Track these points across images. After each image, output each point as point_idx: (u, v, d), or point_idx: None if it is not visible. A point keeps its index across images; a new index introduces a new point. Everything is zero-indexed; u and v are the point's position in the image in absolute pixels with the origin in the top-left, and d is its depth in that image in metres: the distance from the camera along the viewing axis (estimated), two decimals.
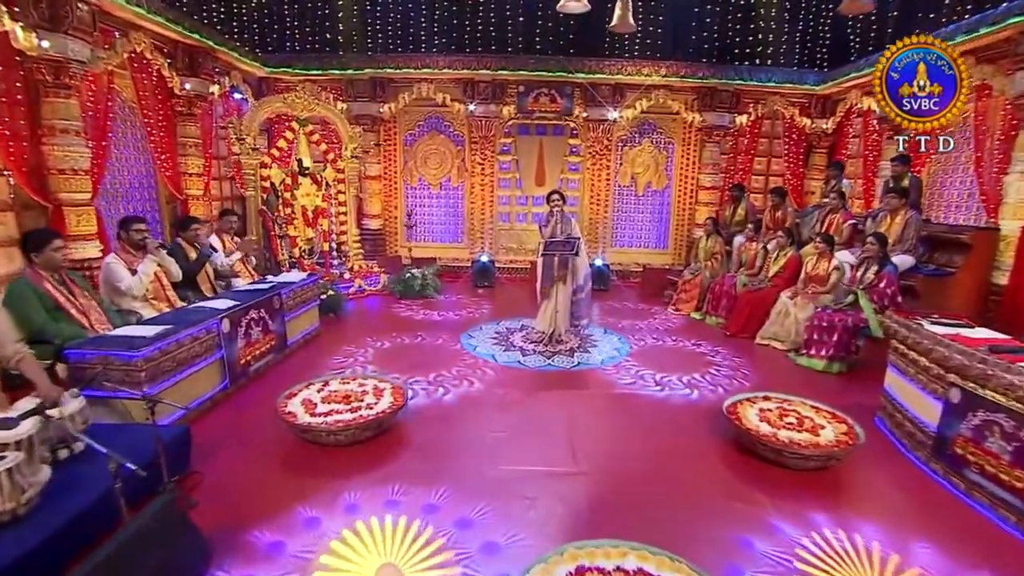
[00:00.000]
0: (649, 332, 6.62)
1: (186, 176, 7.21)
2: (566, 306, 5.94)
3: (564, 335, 5.96)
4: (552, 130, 9.53)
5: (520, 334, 6.31)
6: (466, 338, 6.14)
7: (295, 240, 7.85)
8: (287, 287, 5.42)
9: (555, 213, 5.80)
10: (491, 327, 6.62)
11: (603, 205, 9.68)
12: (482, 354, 5.59)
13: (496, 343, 5.99)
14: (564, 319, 5.98)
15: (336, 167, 8.25)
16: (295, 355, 5.43)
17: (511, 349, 5.79)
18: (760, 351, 5.97)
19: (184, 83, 6.81)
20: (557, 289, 5.86)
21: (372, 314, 7.15)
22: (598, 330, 6.63)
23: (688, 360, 5.48)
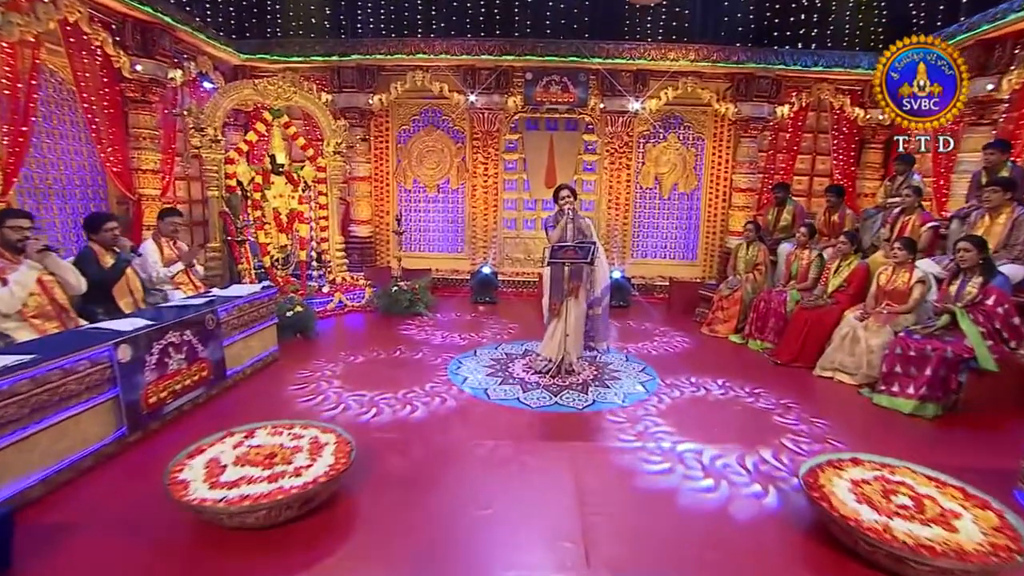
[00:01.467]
0: (680, 360, 5.51)
1: (139, 173, 6.30)
2: (579, 327, 4.87)
3: (576, 364, 4.88)
4: (564, 124, 8.52)
5: (523, 361, 5.24)
6: (455, 366, 5.08)
7: (266, 248, 6.88)
8: (229, 303, 4.42)
9: (565, 212, 4.76)
10: (488, 352, 5.56)
11: (623, 210, 8.62)
12: (472, 389, 4.53)
13: (491, 374, 4.92)
14: (576, 344, 4.90)
15: (316, 165, 7.30)
16: (237, 389, 4.42)
17: (509, 382, 4.71)
18: (822, 386, 4.82)
19: (135, 64, 5.93)
20: (568, 306, 4.78)
21: (348, 335, 6.13)
22: (618, 355, 5.52)
23: (747, 421, 3.96)
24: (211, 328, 4.11)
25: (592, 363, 5.15)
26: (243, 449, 2.97)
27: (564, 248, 4.54)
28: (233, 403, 4.17)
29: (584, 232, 4.83)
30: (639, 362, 5.35)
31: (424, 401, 4.25)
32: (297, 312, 5.82)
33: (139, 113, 6.23)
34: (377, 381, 4.61)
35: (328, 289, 7.18)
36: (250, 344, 4.72)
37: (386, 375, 4.77)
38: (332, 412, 3.98)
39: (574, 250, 4.50)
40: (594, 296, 4.88)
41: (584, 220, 4.93)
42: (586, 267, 4.73)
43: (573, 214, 4.85)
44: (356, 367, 4.99)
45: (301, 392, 4.36)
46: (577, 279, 4.80)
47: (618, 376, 4.93)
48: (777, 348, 5.51)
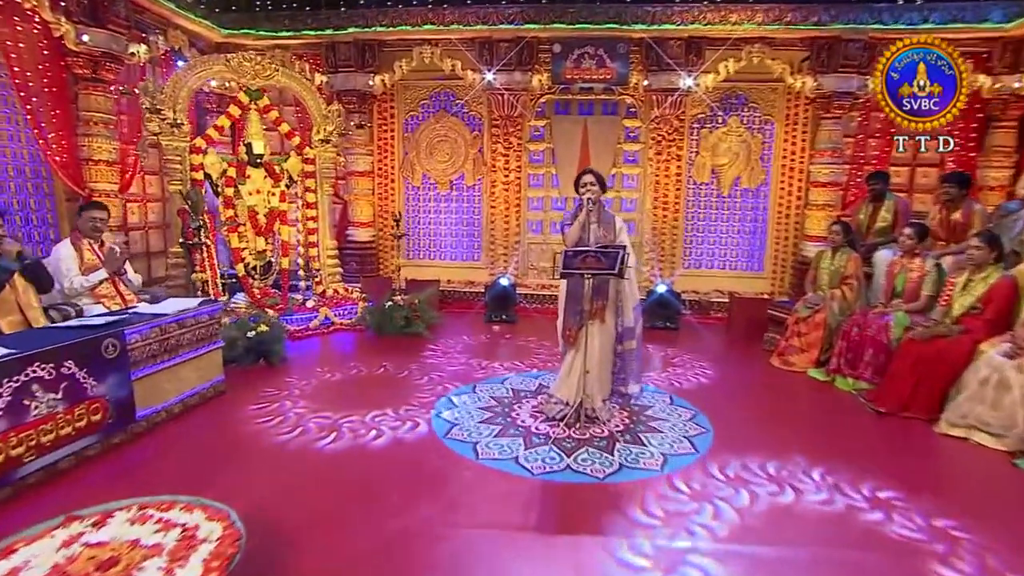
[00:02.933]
0: (744, 405, 4.42)
1: (90, 164, 5.67)
2: (605, 362, 3.89)
3: (600, 410, 3.87)
4: (601, 107, 7.55)
5: (533, 402, 4.26)
6: (444, 408, 4.15)
7: (240, 254, 6.16)
8: (147, 322, 3.63)
9: (587, 205, 3.78)
10: (489, 388, 4.61)
11: (672, 210, 7.54)
12: (456, 443, 3.57)
13: (488, 419, 3.97)
14: (601, 383, 3.90)
15: (304, 156, 6.57)
16: (155, 434, 3.63)
17: (509, 432, 3.75)
18: (949, 449, 3.64)
19: (80, 34, 5.30)
20: (589, 333, 3.78)
21: (322, 362, 5.28)
22: (658, 395, 4.46)
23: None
24: (111, 357, 3.32)
25: (623, 407, 4.11)
26: (74, 549, 2.11)
27: (581, 254, 3.55)
28: (143, 454, 3.39)
29: (611, 233, 3.83)
30: (687, 405, 4.29)
31: (387, 462, 3.34)
32: (260, 332, 5.01)
33: (90, 94, 5.61)
34: (320, 431, 3.72)
35: (313, 303, 6.39)
36: (180, 375, 3.94)
37: (333, 422, 3.88)
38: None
39: (595, 257, 3.50)
40: (624, 325, 3.86)
41: (613, 217, 3.94)
42: (614, 280, 3.72)
43: (600, 210, 3.88)
44: (304, 425, 4.12)
45: (228, 435, 3.53)
46: (602, 297, 3.81)
47: (658, 425, 3.90)
48: (878, 390, 4.34)
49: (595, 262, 3.52)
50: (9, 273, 3.43)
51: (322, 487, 3.05)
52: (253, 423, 3.82)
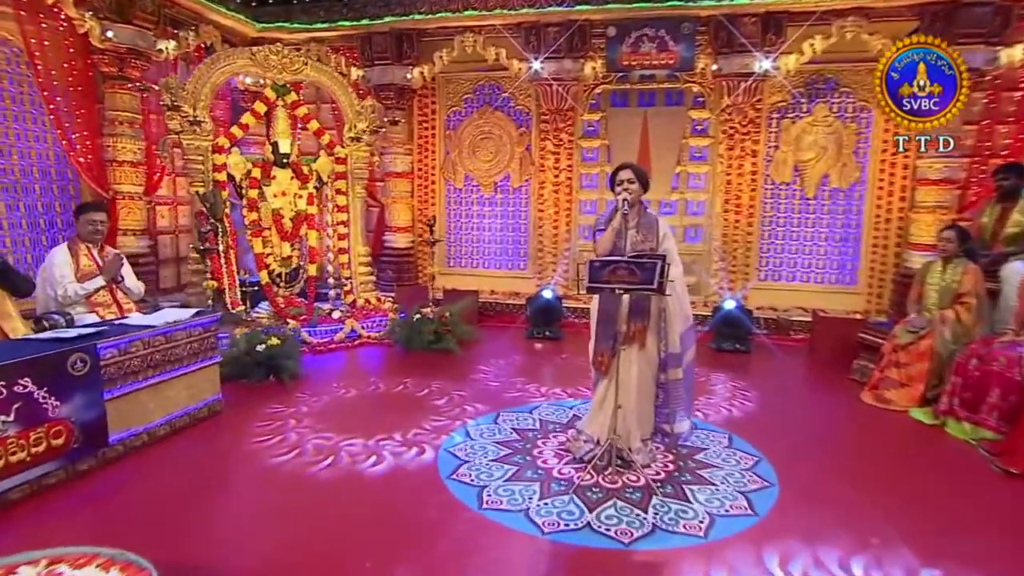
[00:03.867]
0: (824, 451, 3.74)
1: (114, 165, 5.70)
2: (644, 396, 3.38)
3: (639, 454, 3.32)
4: (664, 97, 6.96)
5: (562, 437, 3.77)
6: (457, 439, 3.75)
7: (263, 260, 6.02)
8: (125, 336, 3.43)
9: (622, 207, 3.27)
10: (515, 417, 4.19)
11: (746, 214, 6.83)
12: (458, 489, 3.14)
13: (504, 457, 3.54)
14: (640, 419, 3.37)
15: (335, 156, 6.39)
16: (131, 460, 3.43)
17: (525, 475, 3.29)
18: None
19: (105, 30, 5.32)
20: (625, 360, 3.27)
21: (339, 379, 5.00)
22: (715, 434, 3.85)
23: None
24: (79, 374, 3.12)
25: (668, 449, 3.55)
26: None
27: (611, 265, 3.02)
28: (109, 484, 3.17)
29: (652, 239, 3.30)
30: (750, 449, 3.66)
31: (377, 501, 2.96)
32: (270, 347, 4.78)
33: (116, 92, 5.65)
34: (321, 483, 3.40)
35: (339, 314, 6.15)
36: (167, 393, 3.73)
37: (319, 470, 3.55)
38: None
39: (628, 268, 2.97)
40: (670, 350, 3.30)
41: (656, 220, 3.41)
42: (655, 297, 3.18)
43: (640, 213, 3.39)
44: (287, 458, 3.81)
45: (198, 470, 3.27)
46: (641, 317, 3.29)
47: (709, 475, 3.32)
48: (1007, 442, 3.55)
49: (628, 275, 2.99)
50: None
51: (291, 529, 2.74)
52: (246, 444, 3.64)
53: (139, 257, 5.86)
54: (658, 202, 7.06)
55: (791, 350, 6.15)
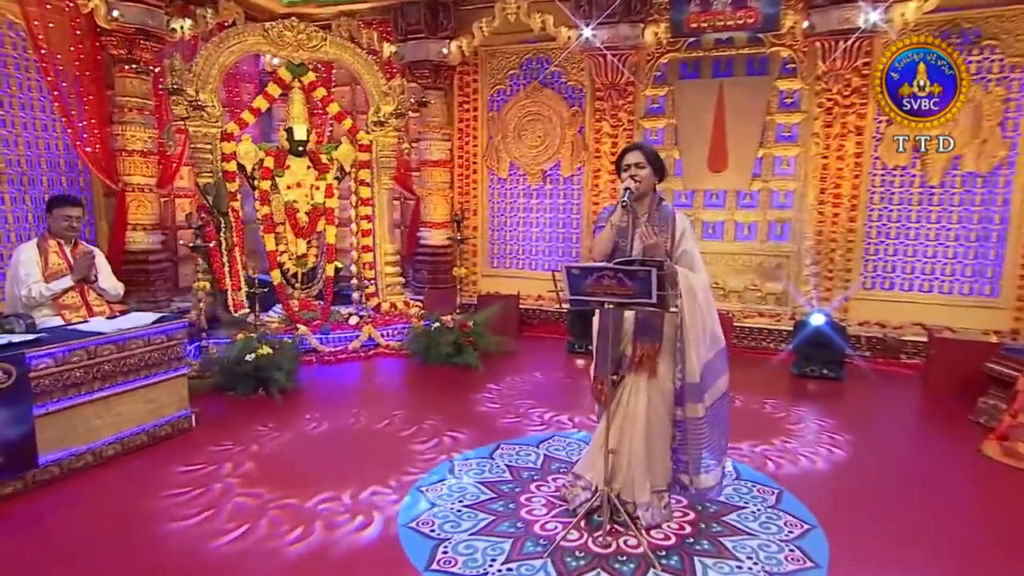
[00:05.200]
0: (909, 524, 3.04)
1: (123, 155, 5.80)
2: (657, 434, 2.91)
3: (644, 509, 2.88)
4: (744, 65, 6.28)
5: (559, 482, 3.32)
6: (437, 477, 3.39)
7: (275, 258, 5.95)
8: (64, 344, 3.34)
9: (625, 197, 2.78)
10: (515, 450, 3.84)
11: (847, 207, 6.01)
12: (412, 542, 2.81)
13: (484, 502, 3.19)
14: (650, 466, 2.91)
15: (358, 143, 6.22)
16: (70, 484, 3.33)
17: (498, 529, 2.92)
18: None
19: (112, 10, 5.40)
20: (631, 390, 2.80)
21: (329, 400, 4.78)
22: (761, 485, 3.26)
23: None
24: (2, 387, 3.03)
25: (694, 506, 3.02)
26: None
27: (592, 272, 2.54)
28: (39, 512, 3.07)
29: (666, 238, 2.79)
30: (801, 514, 3.05)
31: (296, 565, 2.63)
32: (260, 357, 4.63)
33: (125, 77, 5.74)
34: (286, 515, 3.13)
35: (357, 320, 5.97)
36: (118, 408, 3.66)
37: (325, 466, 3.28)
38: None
39: (616, 277, 2.48)
40: (688, 379, 2.77)
41: (672, 215, 2.94)
42: (666, 315, 2.68)
43: (651, 203, 2.88)
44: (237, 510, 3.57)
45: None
46: (650, 337, 2.83)
47: (734, 545, 2.78)
48: None
49: (616, 285, 2.50)
50: None
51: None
52: (159, 496, 3.18)
53: (149, 254, 5.96)
54: (736, 193, 6.38)
55: (899, 379, 5.34)
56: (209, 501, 3.14)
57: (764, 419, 4.38)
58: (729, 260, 6.49)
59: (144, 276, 5.94)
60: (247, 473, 3.46)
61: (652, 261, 2.55)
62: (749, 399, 4.73)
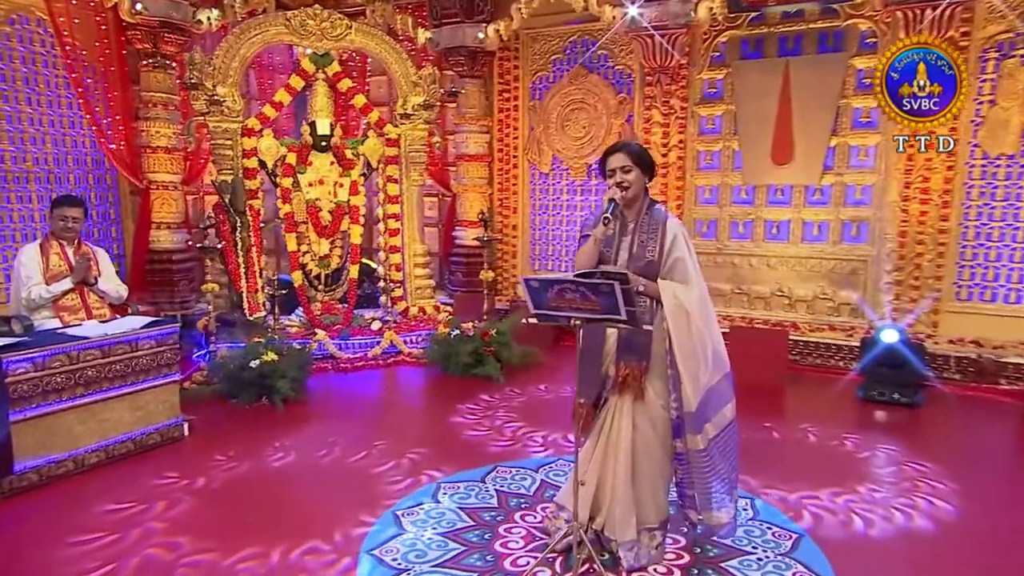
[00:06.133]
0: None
1: (148, 152, 6.04)
2: (645, 467, 2.73)
3: (628, 549, 2.69)
4: (816, 41, 5.88)
5: (544, 512, 3.15)
6: (414, 502, 3.30)
7: (296, 258, 6.02)
8: (43, 350, 3.47)
9: (609, 208, 2.58)
10: (512, 474, 3.71)
11: (937, 203, 5.49)
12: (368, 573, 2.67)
13: (459, 531, 3.05)
14: (637, 501, 2.71)
15: (385, 136, 6.22)
16: (36, 496, 3.41)
17: (465, 564, 2.80)
18: None
19: (135, 3, 5.60)
20: (614, 413, 2.69)
21: (326, 414, 4.75)
22: (777, 529, 3.01)
23: None
24: None
25: (691, 542, 2.79)
26: None
27: (554, 285, 2.35)
28: (13, 522, 3.16)
29: (654, 247, 2.58)
30: (817, 565, 2.70)
31: None
32: (265, 363, 4.68)
33: (150, 71, 5.96)
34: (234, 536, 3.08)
35: (380, 326, 5.96)
36: (103, 415, 3.79)
37: (267, 513, 3.24)
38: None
39: (579, 291, 2.27)
40: (684, 409, 2.54)
41: (665, 220, 2.74)
42: (660, 328, 2.53)
43: (639, 208, 2.72)
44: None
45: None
46: (636, 355, 2.62)
47: (740, 560, 2.57)
48: None
49: (580, 300, 2.29)
50: None
51: None
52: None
53: (173, 253, 6.16)
54: (804, 189, 5.93)
55: (993, 408, 4.78)
56: (118, 551, 2.86)
57: (843, 459, 3.97)
58: (795, 265, 6.06)
59: (168, 276, 6.17)
60: (178, 516, 3.20)
61: (615, 273, 2.33)
62: (824, 433, 4.33)
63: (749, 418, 4.32)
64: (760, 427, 4.39)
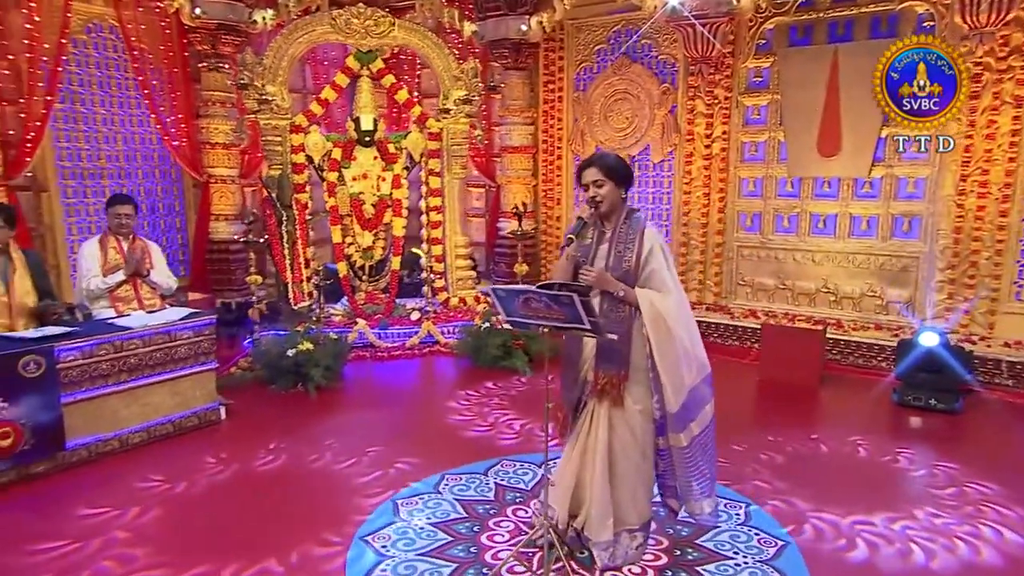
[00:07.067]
0: None
1: (208, 148, 6.33)
2: (625, 471, 2.70)
3: (603, 549, 2.70)
4: (868, 26, 5.56)
5: (534, 507, 3.18)
6: (414, 491, 3.36)
7: (340, 249, 6.19)
8: (91, 339, 3.73)
9: (575, 230, 2.58)
10: (514, 467, 3.72)
11: (998, 199, 5.11)
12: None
13: (452, 522, 3.07)
14: (617, 503, 2.70)
15: (427, 131, 6.28)
16: (87, 469, 3.68)
17: (449, 555, 2.82)
18: None
19: (195, 7, 5.85)
20: (593, 417, 2.69)
21: (354, 405, 4.88)
22: (763, 534, 2.91)
23: None
24: (32, 376, 3.47)
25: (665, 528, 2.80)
26: None
27: (520, 294, 2.33)
28: (66, 491, 3.44)
29: (630, 257, 2.52)
30: None
31: None
32: (300, 352, 4.85)
33: (210, 71, 6.21)
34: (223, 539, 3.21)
35: (418, 316, 6.06)
36: (146, 399, 4.03)
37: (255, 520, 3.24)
38: None
39: (542, 300, 2.25)
40: (668, 408, 2.55)
41: (642, 231, 2.66)
42: (639, 337, 2.58)
43: (617, 218, 2.66)
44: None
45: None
46: (614, 365, 2.61)
47: (716, 566, 2.65)
48: None
49: (544, 309, 2.27)
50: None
51: None
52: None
53: (230, 243, 6.43)
54: (853, 181, 5.60)
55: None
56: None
57: (899, 479, 3.71)
58: (842, 260, 5.76)
59: (226, 264, 6.48)
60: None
61: (574, 285, 2.29)
62: (875, 447, 3.99)
63: (785, 428, 4.23)
64: (807, 439, 4.09)
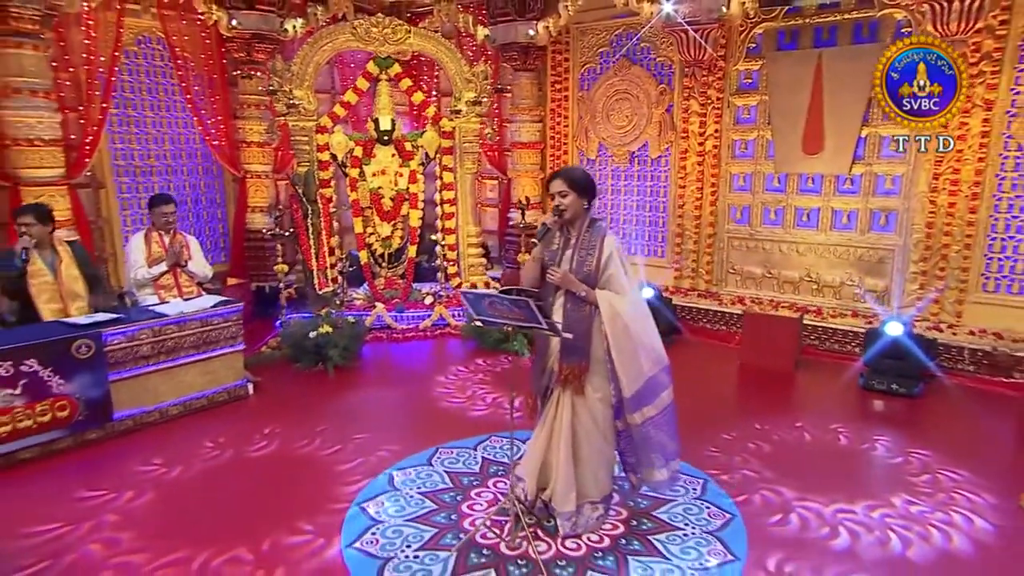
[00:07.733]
0: None
1: (244, 147, 6.86)
2: (585, 450, 3.07)
3: (567, 519, 3.09)
4: (850, 32, 5.78)
5: (507, 483, 3.60)
6: (404, 467, 3.81)
7: (362, 239, 6.68)
8: (133, 324, 4.27)
9: (548, 227, 3.00)
10: (502, 445, 4.14)
11: (967, 195, 5.37)
12: (358, 565, 3.06)
13: (436, 491, 3.50)
14: (568, 478, 3.08)
15: (441, 129, 6.69)
16: (133, 437, 4.25)
17: (444, 542, 3.17)
18: None
19: (231, 19, 6.33)
20: (560, 407, 3.06)
21: (363, 384, 5.35)
22: (704, 506, 3.29)
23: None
24: (84, 357, 4.02)
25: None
26: None
27: (486, 297, 2.76)
28: (115, 453, 4.01)
29: (590, 262, 2.93)
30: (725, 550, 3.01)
31: None
32: (320, 334, 5.37)
33: (244, 78, 6.70)
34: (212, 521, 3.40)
35: (432, 300, 6.54)
36: (180, 377, 4.57)
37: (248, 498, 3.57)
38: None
39: (505, 304, 2.68)
40: (624, 394, 2.96)
41: (603, 238, 3.03)
42: (602, 330, 2.93)
43: (581, 227, 3.01)
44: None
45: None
46: (576, 357, 3.01)
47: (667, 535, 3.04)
48: None
49: (507, 311, 2.70)
50: (15, 267, 4.23)
51: None
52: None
53: (264, 234, 6.95)
54: (835, 178, 5.88)
55: (998, 400, 4.70)
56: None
57: (877, 466, 3.95)
58: (824, 252, 6.06)
59: (261, 252, 7.03)
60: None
61: (528, 291, 2.72)
62: (855, 436, 4.20)
63: (770, 416, 4.47)
64: (792, 427, 4.33)
